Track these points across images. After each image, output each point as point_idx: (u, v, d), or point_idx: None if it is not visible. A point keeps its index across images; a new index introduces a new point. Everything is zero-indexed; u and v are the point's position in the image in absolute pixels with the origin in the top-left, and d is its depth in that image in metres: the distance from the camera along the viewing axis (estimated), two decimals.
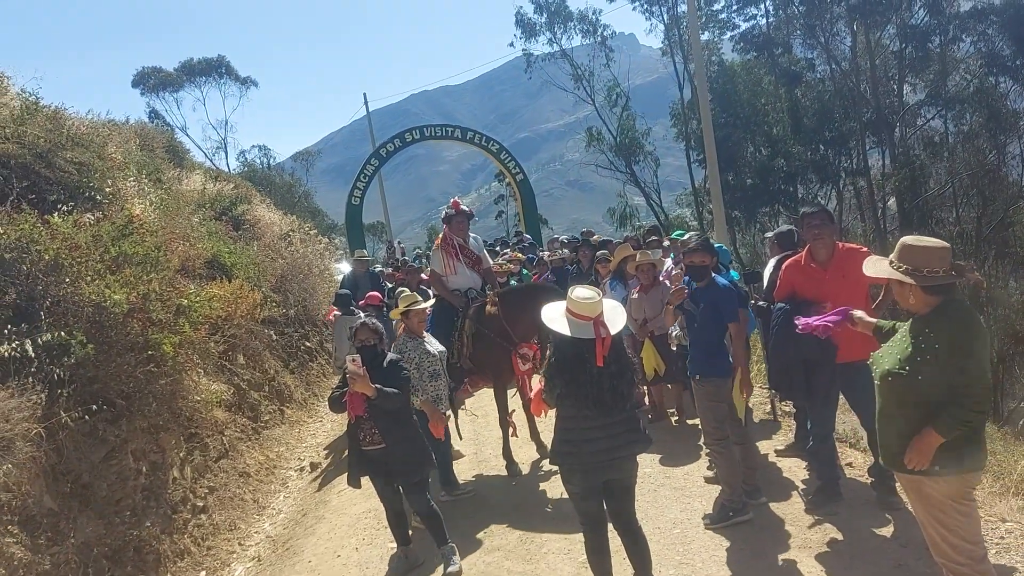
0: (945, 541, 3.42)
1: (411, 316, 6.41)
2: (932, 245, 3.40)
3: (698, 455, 6.89)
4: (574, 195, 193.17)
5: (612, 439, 4.09)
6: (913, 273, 3.37)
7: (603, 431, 4.08)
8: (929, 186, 28.36)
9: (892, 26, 28.96)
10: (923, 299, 3.39)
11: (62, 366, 5.57)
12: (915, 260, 3.38)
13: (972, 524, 3.40)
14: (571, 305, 4.08)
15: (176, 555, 6.32)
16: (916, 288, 3.38)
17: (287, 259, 13.53)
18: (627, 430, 4.14)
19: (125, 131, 13.48)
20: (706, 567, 4.90)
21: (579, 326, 4.02)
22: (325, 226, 34.91)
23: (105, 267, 6.58)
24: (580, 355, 4.03)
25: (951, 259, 3.37)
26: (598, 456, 4.09)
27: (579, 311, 4.03)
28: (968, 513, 3.38)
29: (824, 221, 5.32)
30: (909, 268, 3.39)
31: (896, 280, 3.49)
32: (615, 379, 4.05)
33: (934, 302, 3.38)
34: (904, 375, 3.38)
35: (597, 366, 3.98)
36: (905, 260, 3.42)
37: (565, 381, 4.06)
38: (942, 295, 3.36)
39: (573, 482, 4.24)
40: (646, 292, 7.76)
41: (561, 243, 13.54)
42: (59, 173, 7.67)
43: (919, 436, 3.35)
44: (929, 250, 3.38)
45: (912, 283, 3.37)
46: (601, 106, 35.05)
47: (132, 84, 41.89)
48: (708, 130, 16.82)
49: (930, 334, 3.35)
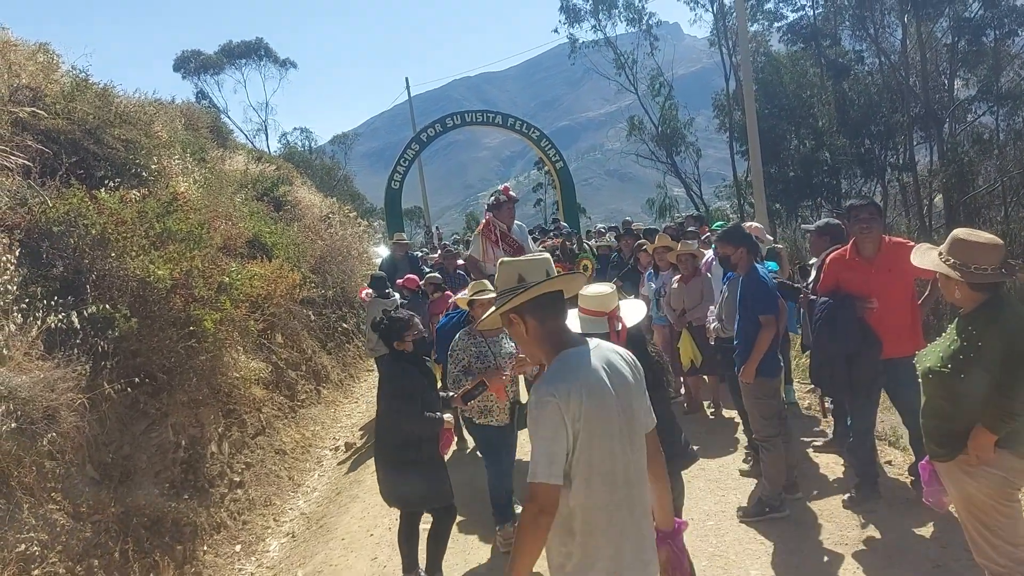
0: (987, 542, 3.36)
1: (476, 307, 5.71)
2: (984, 241, 3.32)
3: (734, 447, 6.84)
4: (613, 185, 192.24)
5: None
6: (961, 268, 3.29)
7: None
8: (977, 183, 27.66)
9: (945, 19, 28.22)
10: (969, 295, 3.33)
11: (106, 339, 5.66)
12: (965, 255, 3.30)
13: (1015, 525, 3.32)
14: (582, 302, 3.74)
15: (212, 528, 6.42)
16: (963, 284, 3.31)
17: (326, 241, 13.65)
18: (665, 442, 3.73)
19: (171, 110, 13.67)
20: (739, 560, 4.86)
21: (592, 323, 3.65)
22: (364, 210, 35.11)
23: (150, 243, 6.67)
24: None
25: (1003, 257, 3.29)
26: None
27: (591, 307, 3.70)
28: (1011, 515, 3.32)
29: (872, 215, 5.24)
30: (957, 262, 3.31)
31: (943, 273, 3.41)
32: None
33: (980, 299, 3.31)
34: (947, 372, 3.34)
35: None
36: (954, 254, 3.34)
37: None
38: (989, 293, 3.30)
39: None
40: (686, 282, 7.70)
41: (599, 232, 13.48)
42: (107, 149, 7.78)
43: (973, 437, 3.30)
44: (981, 246, 3.29)
45: (959, 278, 3.30)
46: (643, 95, 34.75)
47: (173, 68, 42.48)
48: (752, 121, 16.61)
49: (973, 332, 3.30)
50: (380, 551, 5.93)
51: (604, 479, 2.45)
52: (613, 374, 2.53)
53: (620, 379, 2.55)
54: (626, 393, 2.56)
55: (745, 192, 29.24)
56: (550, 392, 2.38)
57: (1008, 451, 3.28)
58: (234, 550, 6.41)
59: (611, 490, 2.47)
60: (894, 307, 4.99)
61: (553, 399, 2.37)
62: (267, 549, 6.64)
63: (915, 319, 5.13)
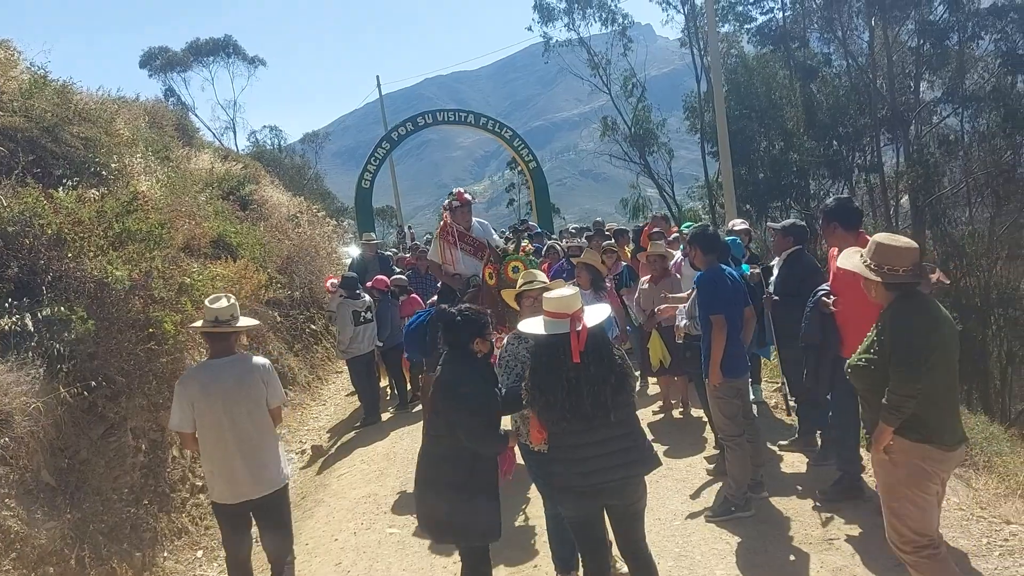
0: (893, 527, 3.63)
1: (525, 300, 4.83)
2: (900, 245, 3.58)
3: (702, 447, 6.85)
4: (587, 185, 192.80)
5: (608, 458, 3.64)
6: (876, 269, 3.57)
7: (597, 448, 3.63)
8: (943, 184, 28.07)
9: (911, 22, 28.62)
10: (883, 294, 3.62)
11: (62, 341, 5.54)
12: (881, 257, 3.57)
13: (924, 517, 3.53)
14: (546, 305, 3.76)
15: (173, 534, 6.31)
16: (879, 284, 3.59)
17: (294, 241, 13.50)
18: (625, 448, 3.67)
19: (134, 108, 13.45)
20: (705, 559, 4.85)
21: (554, 324, 3.67)
22: (335, 209, 34.83)
23: (108, 243, 6.55)
24: (555, 356, 3.63)
25: (917, 260, 3.55)
26: (590, 478, 3.63)
27: (555, 308, 3.69)
28: (922, 505, 3.52)
29: (828, 217, 5.32)
30: (874, 264, 3.59)
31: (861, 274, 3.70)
32: (596, 384, 3.58)
33: (891, 298, 3.59)
34: (861, 366, 3.64)
35: (574, 364, 3.56)
36: (874, 256, 3.61)
37: (540, 389, 3.63)
38: (900, 292, 3.56)
39: (567, 507, 3.82)
40: (655, 283, 7.69)
41: (571, 233, 13.46)
42: (65, 148, 7.64)
43: (874, 427, 3.61)
44: (896, 249, 3.55)
45: (875, 278, 3.58)
46: (616, 96, 34.85)
47: (140, 64, 41.91)
48: (722, 122, 16.68)
49: (881, 327, 3.60)
50: (344, 556, 5.85)
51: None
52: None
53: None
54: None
55: (716, 193, 29.41)
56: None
57: (918, 443, 3.48)
58: (195, 556, 6.30)
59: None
60: (853, 307, 5.01)
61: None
62: None
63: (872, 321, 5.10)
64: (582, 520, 3.80)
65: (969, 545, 4.57)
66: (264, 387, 4.74)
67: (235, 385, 4.61)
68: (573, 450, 3.67)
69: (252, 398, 4.67)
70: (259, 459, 4.66)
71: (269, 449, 4.76)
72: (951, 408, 3.58)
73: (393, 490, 7.03)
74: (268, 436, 4.77)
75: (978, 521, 4.89)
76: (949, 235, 28.18)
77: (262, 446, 4.69)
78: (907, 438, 3.49)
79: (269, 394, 4.78)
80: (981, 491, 5.76)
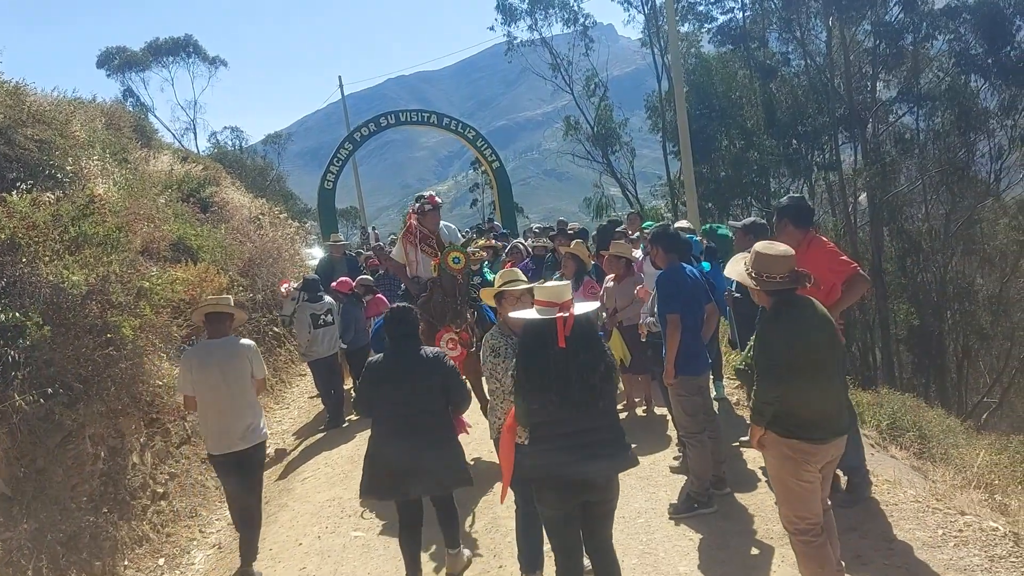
0: (779, 509, 4.02)
1: (506, 301, 4.74)
2: (775, 253, 3.81)
3: (665, 445, 6.91)
4: (551, 184, 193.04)
5: (589, 449, 3.67)
6: (755, 276, 3.82)
7: (579, 438, 3.66)
8: (899, 182, 28.62)
9: (867, 22, 29.10)
10: (764, 299, 3.88)
11: (17, 348, 5.44)
12: (760, 265, 3.81)
13: (803, 500, 3.81)
14: (537, 294, 3.87)
15: (134, 542, 6.22)
16: (759, 290, 3.84)
17: (256, 243, 13.33)
18: (608, 441, 3.73)
19: (91, 109, 13.17)
20: (668, 557, 4.90)
21: (545, 311, 3.76)
22: (298, 210, 34.54)
23: (64, 247, 6.43)
24: (543, 341, 3.71)
25: (792, 267, 3.77)
26: (576, 469, 3.64)
27: (546, 297, 3.79)
28: (799, 491, 3.80)
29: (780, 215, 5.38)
30: (754, 272, 3.83)
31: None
32: (585, 371, 3.66)
33: (768, 302, 3.85)
34: (741, 369, 4.04)
35: (561, 349, 3.64)
36: (753, 264, 3.85)
37: (527, 374, 3.70)
38: (777, 298, 3.81)
39: (547, 503, 3.80)
40: (619, 282, 7.74)
41: (535, 232, 13.48)
42: (19, 150, 7.47)
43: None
44: (772, 257, 3.79)
45: (754, 285, 3.83)
46: (579, 96, 34.98)
47: (97, 64, 41.02)
48: (683, 122, 16.84)
49: (757, 330, 3.90)
50: (309, 561, 5.81)
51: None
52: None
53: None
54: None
55: (679, 191, 29.66)
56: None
57: (786, 437, 3.76)
58: (157, 563, 6.23)
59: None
60: None
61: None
62: (192, 562, 6.46)
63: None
64: (562, 518, 3.80)
65: (925, 536, 4.67)
66: (249, 363, 5.76)
67: (226, 359, 5.65)
68: (560, 439, 3.70)
69: (240, 370, 5.69)
70: (244, 420, 5.68)
71: (253, 412, 5.78)
72: (821, 406, 3.76)
73: (357, 493, 6.96)
74: (252, 402, 5.81)
75: (934, 513, 4.99)
76: (906, 231, 28.75)
77: (247, 409, 5.71)
78: (776, 433, 3.79)
79: (254, 368, 5.79)
80: (938, 483, 5.89)
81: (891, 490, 5.36)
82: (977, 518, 4.87)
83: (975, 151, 28.37)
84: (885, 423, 7.93)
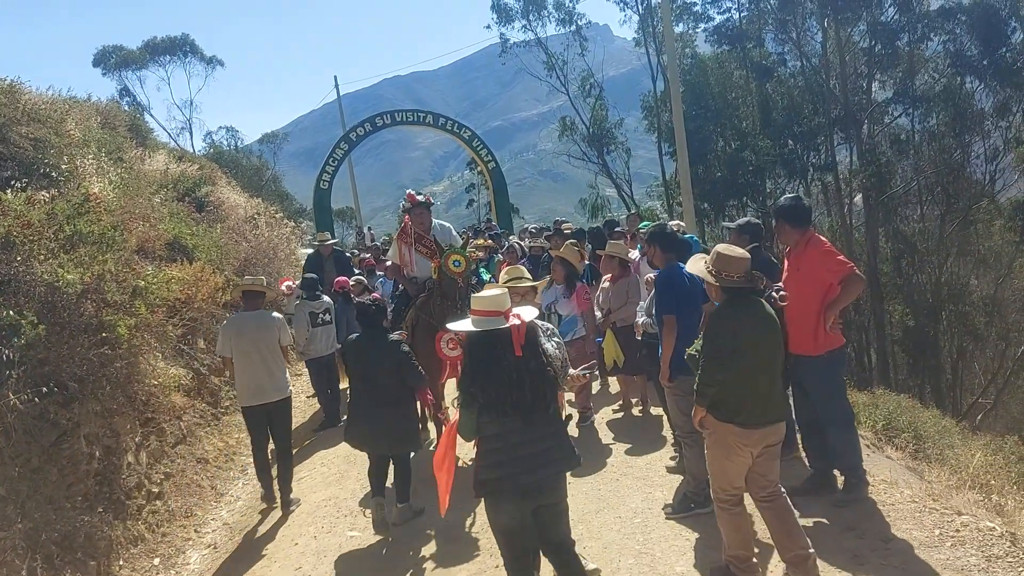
0: (710, 480, 4.47)
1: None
2: (734, 255, 4.18)
3: (661, 445, 6.90)
4: (546, 185, 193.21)
5: (541, 455, 3.70)
6: (715, 274, 4.20)
7: (531, 447, 3.68)
8: (895, 183, 28.64)
9: (863, 23, 29.13)
10: (719, 296, 4.26)
11: (12, 347, 5.42)
12: (720, 265, 4.18)
13: (725, 478, 4.29)
14: (475, 304, 3.80)
15: (129, 542, 6.20)
16: (717, 287, 4.22)
17: (251, 242, 13.32)
18: (555, 445, 3.77)
19: (86, 108, 13.12)
20: (665, 556, 4.89)
21: (485, 322, 3.71)
22: (294, 210, 34.44)
23: (59, 246, 6.42)
24: (494, 351, 3.68)
25: (748, 268, 4.15)
26: (528, 476, 3.65)
27: (484, 307, 3.74)
28: (725, 468, 4.27)
29: (777, 215, 5.43)
30: (713, 270, 4.21)
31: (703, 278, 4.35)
32: (536, 377, 3.68)
33: (721, 297, 4.24)
34: (692, 355, 4.39)
35: (515, 357, 3.63)
36: (714, 264, 4.22)
37: (482, 386, 3.66)
38: (730, 295, 4.18)
39: (503, 513, 3.74)
40: (614, 283, 7.73)
41: (530, 232, 13.47)
42: (13, 148, 7.47)
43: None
44: (731, 258, 4.16)
45: (714, 283, 4.20)
46: (575, 96, 35.00)
47: (93, 63, 40.76)
48: (679, 122, 16.84)
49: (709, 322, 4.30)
50: (304, 560, 5.80)
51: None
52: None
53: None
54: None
55: (674, 192, 29.67)
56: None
57: (722, 421, 4.17)
58: (152, 563, 6.20)
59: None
60: (798, 305, 5.08)
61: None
62: (187, 561, 6.44)
63: (817, 321, 5.09)
64: (515, 527, 3.74)
65: (922, 536, 4.66)
66: (278, 331, 7.02)
67: (259, 328, 6.91)
68: (512, 449, 3.68)
69: (270, 337, 6.94)
70: (274, 376, 6.92)
71: (280, 370, 7.04)
72: (758, 394, 4.15)
73: (354, 493, 6.97)
74: (280, 362, 7.06)
75: (930, 513, 4.99)
76: (901, 232, 28.80)
77: (275, 369, 6.95)
78: (715, 416, 4.21)
79: (281, 336, 7.05)
80: (934, 483, 5.89)
81: (888, 490, 5.35)
82: (974, 518, 4.87)
83: (970, 152, 28.40)
84: (881, 424, 7.94)
